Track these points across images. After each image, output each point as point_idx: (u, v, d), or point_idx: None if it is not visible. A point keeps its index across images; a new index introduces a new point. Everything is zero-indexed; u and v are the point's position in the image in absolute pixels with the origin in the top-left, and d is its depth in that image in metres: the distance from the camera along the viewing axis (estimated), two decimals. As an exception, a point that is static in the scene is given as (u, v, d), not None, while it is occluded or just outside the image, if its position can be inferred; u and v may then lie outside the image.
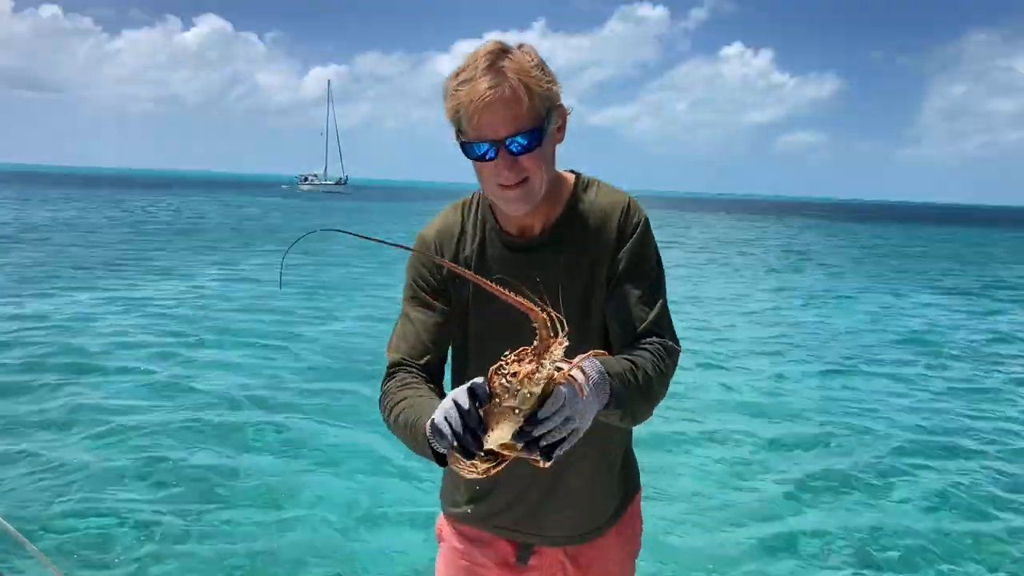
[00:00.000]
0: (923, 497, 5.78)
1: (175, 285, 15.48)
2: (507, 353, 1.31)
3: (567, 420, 1.30)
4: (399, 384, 1.66)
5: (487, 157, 1.55)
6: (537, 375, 1.27)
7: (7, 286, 14.13)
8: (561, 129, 1.65)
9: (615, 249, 1.70)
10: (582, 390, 1.35)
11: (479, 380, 1.32)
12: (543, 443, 1.30)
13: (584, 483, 1.80)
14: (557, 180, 1.73)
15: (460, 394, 1.33)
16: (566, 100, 1.64)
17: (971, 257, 34.59)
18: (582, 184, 1.75)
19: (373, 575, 4.51)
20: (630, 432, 1.90)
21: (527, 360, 1.28)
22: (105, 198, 58.93)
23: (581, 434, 1.35)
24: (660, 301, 1.69)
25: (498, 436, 1.31)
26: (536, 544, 1.85)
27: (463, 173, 1.76)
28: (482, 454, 1.34)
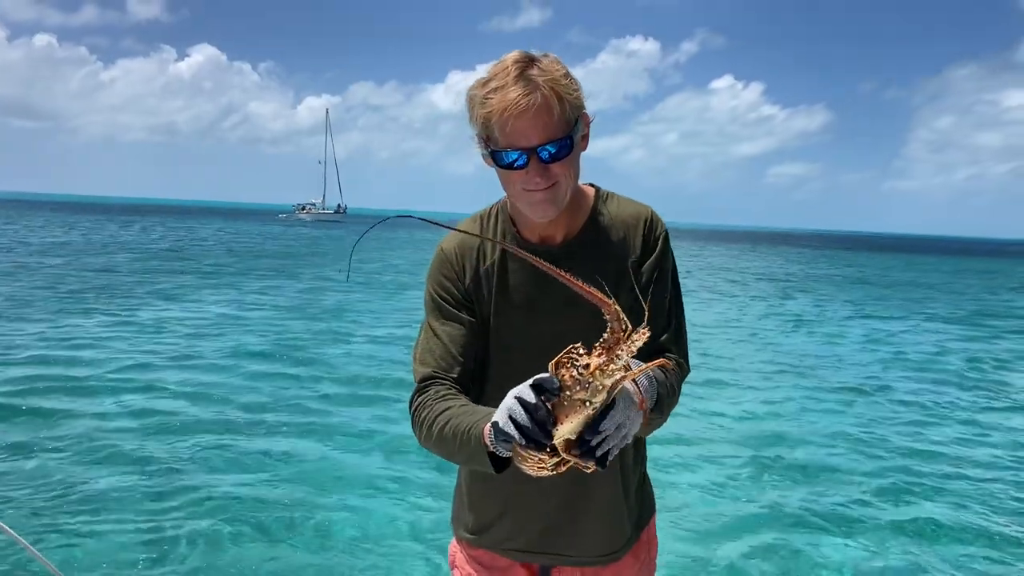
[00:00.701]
0: (916, 521, 5.84)
1: (180, 310, 15.71)
2: (577, 345, 1.32)
3: (619, 427, 1.32)
4: (435, 397, 1.62)
5: (518, 165, 1.55)
6: (612, 366, 1.27)
7: (8, 311, 14.30)
8: (585, 137, 1.65)
9: (639, 260, 1.71)
10: (643, 400, 1.38)
11: (544, 375, 1.32)
12: (599, 452, 1.31)
13: (603, 503, 1.77)
14: (578, 191, 1.72)
15: (524, 390, 1.32)
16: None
17: (957, 287, 35.06)
18: (602, 196, 1.76)
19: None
20: (645, 453, 1.89)
21: (597, 353, 1.29)
22: (102, 224, 58.83)
23: (630, 439, 1.36)
24: (679, 316, 1.73)
25: (567, 429, 1.30)
26: (552, 566, 1.82)
27: (455, 203, 2.13)
28: (550, 448, 1.33)
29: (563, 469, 1.37)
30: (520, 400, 1.32)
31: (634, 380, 1.36)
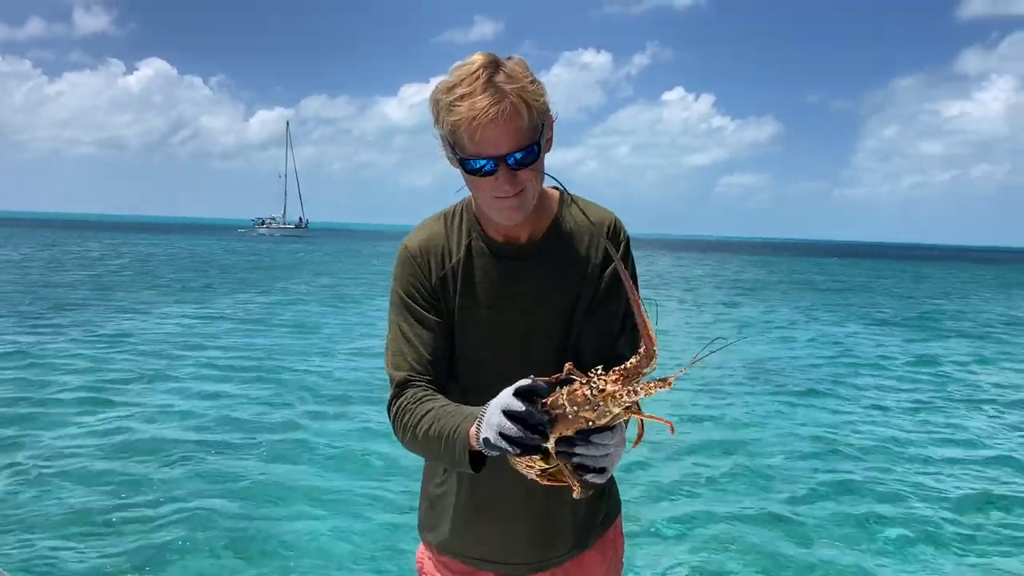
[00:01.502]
0: (873, 516, 6.07)
1: (140, 325, 15.60)
2: (598, 369, 1.36)
3: (605, 448, 1.37)
4: (414, 399, 1.63)
5: (486, 171, 1.55)
6: (625, 398, 1.30)
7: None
8: (550, 139, 1.65)
9: (602, 265, 1.72)
10: (638, 439, 1.45)
11: (527, 381, 1.38)
12: (575, 459, 1.36)
13: (565, 504, 1.75)
14: (543, 193, 1.73)
15: (510, 401, 1.37)
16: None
17: (904, 291, 36.20)
18: (567, 200, 1.77)
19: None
20: None
21: (614, 379, 1.32)
22: (53, 241, 57.49)
23: (608, 474, 1.42)
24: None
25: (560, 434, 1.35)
26: (522, 573, 1.82)
27: (410, 216, 1.91)
28: (542, 450, 1.37)
29: (546, 482, 1.41)
30: (508, 413, 1.35)
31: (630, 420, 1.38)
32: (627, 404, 1.30)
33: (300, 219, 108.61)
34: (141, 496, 6.00)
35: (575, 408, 1.31)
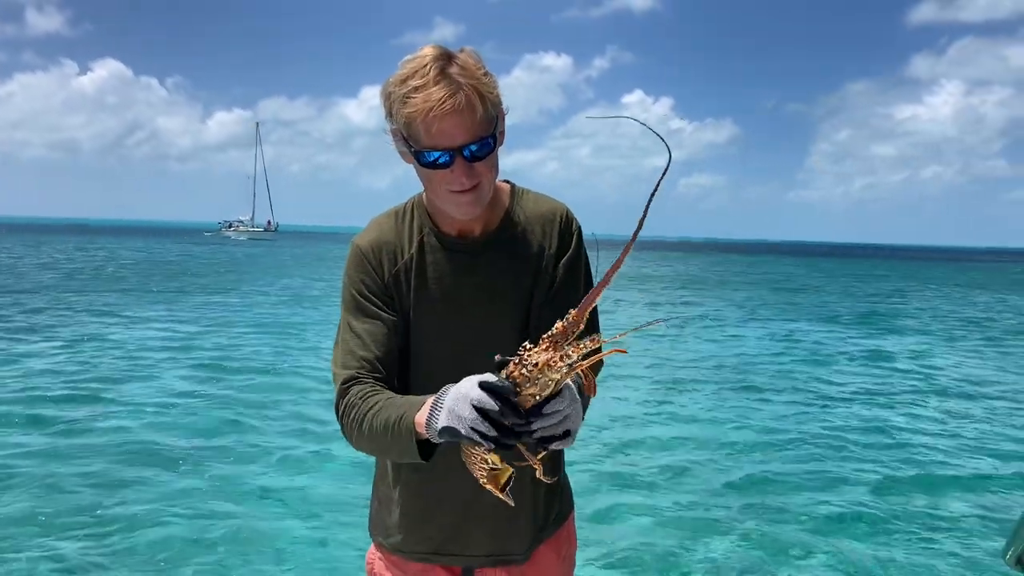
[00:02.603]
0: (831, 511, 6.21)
1: (94, 332, 15.59)
2: (526, 344, 1.33)
3: (564, 419, 1.33)
4: (360, 396, 1.59)
5: (441, 163, 1.54)
6: (560, 363, 1.29)
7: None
8: (503, 132, 1.63)
9: (556, 256, 1.72)
10: (592, 388, 1.44)
11: (492, 378, 1.33)
12: (537, 434, 1.32)
13: (521, 496, 1.66)
14: (495, 187, 1.71)
15: (480, 397, 1.31)
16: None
17: (852, 289, 37.19)
18: (518, 192, 1.77)
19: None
20: (562, 451, 1.83)
21: (544, 347, 1.31)
22: (8, 244, 56.18)
23: (573, 437, 1.36)
24: (594, 313, 1.68)
25: None
26: (474, 567, 1.81)
27: (368, 218, 1.75)
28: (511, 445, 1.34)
29: (488, 485, 1.41)
30: (481, 410, 1.30)
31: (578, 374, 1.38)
32: (565, 368, 1.29)
33: (269, 222, 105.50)
34: (109, 498, 5.97)
35: (519, 390, 1.31)
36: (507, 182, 1.78)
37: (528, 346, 1.33)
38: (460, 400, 1.33)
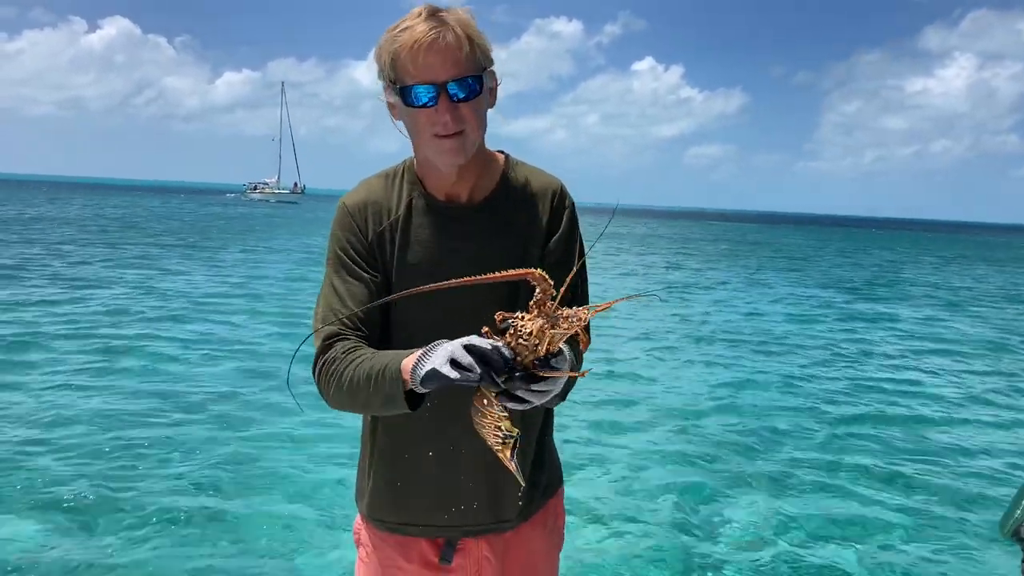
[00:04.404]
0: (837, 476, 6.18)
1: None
2: (519, 314, 1.35)
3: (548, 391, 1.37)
4: (343, 351, 1.59)
5: (427, 101, 1.53)
6: (552, 330, 1.33)
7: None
8: (493, 92, 1.64)
9: (548, 230, 1.71)
10: (585, 344, 1.46)
11: (476, 339, 1.36)
12: (519, 392, 1.34)
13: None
14: (489, 155, 1.72)
15: (467, 340, 1.36)
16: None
17: (859, 259, 37.21)
18: (512, 163, 1.75)
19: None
20: (550, 423, 1.87)
21: (532, 316, 1.34)
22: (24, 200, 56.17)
23: (550, 396, 1.38)
24: (583, 287, 1.73)
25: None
26: (456, 538, 1.77)
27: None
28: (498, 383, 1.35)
29: (500, 451, 1.40)
30: (469, 347, 1.34)
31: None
32: (559, 335, 1.34)
33: (296, 184, 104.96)
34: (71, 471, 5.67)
35: (518, 359, 1.34)
36: (502, 152, 1.77)
37: (521, 315, 1.35)
38: (453, 345, 1.36)
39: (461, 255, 1.65)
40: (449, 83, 1.51)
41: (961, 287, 24.75)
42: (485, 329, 1.37)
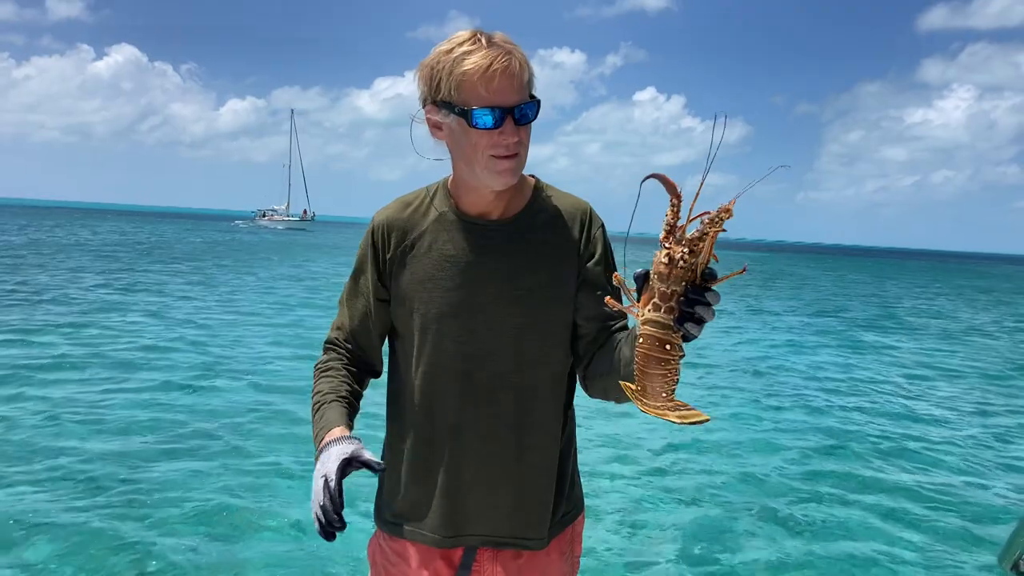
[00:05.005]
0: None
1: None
2: (663, 247, 1.32)
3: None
4: (324, 366, 1.79)
5: (495, 124, 1.56)
6: (699, 243, 1.30)
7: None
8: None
9: (580, 250, 1.73)
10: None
11: (350, 453, 1.54)
12: (699, 311, 1.31)
13: (523, 483, 1.74)
14: (522, 178, 1.76)
15: (330, 473, 1.50)
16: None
17: (873, 291, 37.21)
18: (542, 185, 1.79)
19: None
20: (576, 448, 1.88)
21: (671, 246, 1.32)
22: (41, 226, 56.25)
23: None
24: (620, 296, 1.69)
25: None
26: (474, 546, 1.77)
27: (371, 209, 1.74)
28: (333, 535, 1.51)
29: (691, 419, 1.33)
30: (320, 504, 1.50)
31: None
32: (706, 245, 1.30)
33: (305, 211, 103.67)
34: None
35: (663, 279, 1.32)
36: (532, 176, 1.81)
37: (659, 252, 1.33)
38: (317, 473, 1.53)
39: (485, 267, 1.69)
40: (515, 108, 1.57)
41: (961, 317, 24.88)
42: (637, 271, 1.38)
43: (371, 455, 1.55)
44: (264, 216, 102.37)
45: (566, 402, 1.80)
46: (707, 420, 1.31)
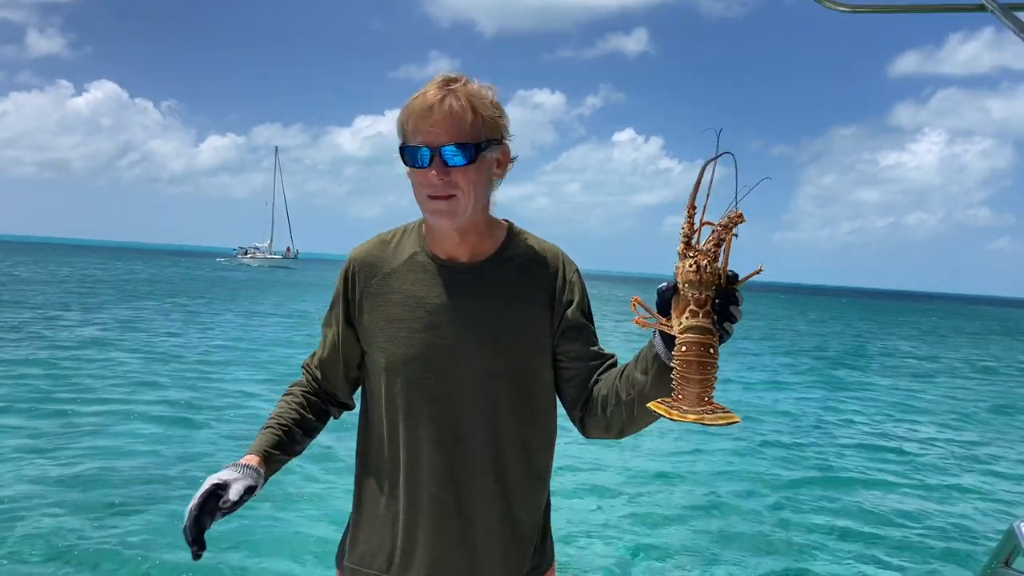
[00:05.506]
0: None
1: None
2: (687, 257, 1.36)
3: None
4: (287, 391, 1.85)
5: (421, 163, 1.58)
6: (716, 249, 1.35)
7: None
8: (501, 165, 1.67)
9: (557, 295, 1.71)
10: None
11: (232, 476, 1.58)
12: (732, 309, 1.35)
13: (493, 535, 1.69)
14: (493, 222, 1.75)
15: (198, 496, 1.53)
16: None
17: (847, 331, 37.58)
18: (516, 230, 1.78)
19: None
20: (548, 500, 1.83)
21: (694, 255, 1.36)
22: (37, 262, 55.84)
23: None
24: (596, 336, 1.76)
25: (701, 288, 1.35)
26: None
27: (351, 245, 1.80)
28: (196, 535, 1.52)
29: (717, 419, 1.32)
30: (187, 523, 1.52)
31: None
32: (723, 251, 1.35)
33: (288, 248, 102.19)
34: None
35: (694, 286, 1.35)
36: (507, 221, 1.80)
37: (680, 264, 1.36)
38: (198, 494, 1.53)
39: (453, 308, 1.67)
40: (443, 147, 1.56)
41: (934, 356, 25.27)
42: (663, 285, 1.39)
43: (235, 494, 1.54)
44: (247, 254, 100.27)
45: (542, 450, 1.75)
46: (738, 421, 1.30)
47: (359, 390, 1.85)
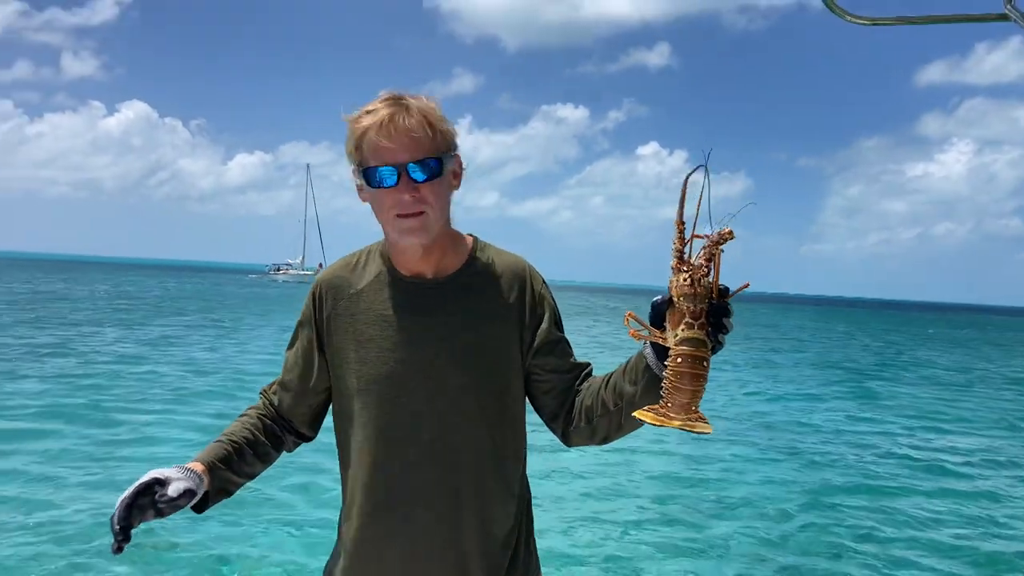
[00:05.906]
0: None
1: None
2: (680, 272, 1.39)
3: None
4: (243, 413, 1.80)
5: (388, 183, 1.56)
6: (708, 264, 1.39)
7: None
8: (457, 176, 1.67)
9: (527, 308, 1.71)
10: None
11: (167, 474, 1.51)
12: (725, 320, 1.37)
13: (479, 560, 1.67)
14: (457, 236, 1.74)
15: (128, 492, 1.46)
16: (490, 192, 2.36)
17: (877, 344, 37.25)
18: (480, 244, 1.77)
19: None
20: (531, 515, 1.80)
21: (686, 270, 1.39)
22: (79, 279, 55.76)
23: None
24: (570, 345, 1.76)
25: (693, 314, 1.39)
26: None
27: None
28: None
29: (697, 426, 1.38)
30: (116, 512, 1.45)
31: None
32: (714, 265, 1.39)
33: (320, 265, 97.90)
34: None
35: (689, 299, 1.38)
36: (471, 235, 1.79)
37: (674, 278, 1.39)
38: (137, 481, 1.49)
39: (422, 327, 1.66)
40: (409, 164, 1.55)
41: (966, 368, 25.07)
42: (657, 298, 1.43)
43: (174, 491, 1.49)
44: (279, 271, 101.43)
45: (513, 462, 1.73)
46: (711, 431, 1.37)
47: (328, 416, 1.83)
